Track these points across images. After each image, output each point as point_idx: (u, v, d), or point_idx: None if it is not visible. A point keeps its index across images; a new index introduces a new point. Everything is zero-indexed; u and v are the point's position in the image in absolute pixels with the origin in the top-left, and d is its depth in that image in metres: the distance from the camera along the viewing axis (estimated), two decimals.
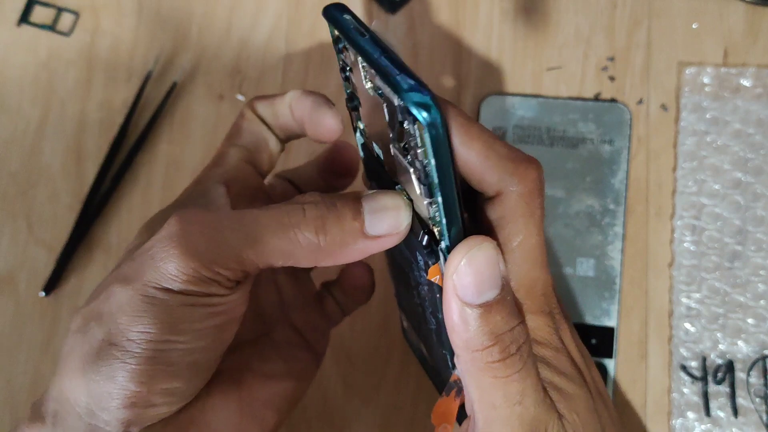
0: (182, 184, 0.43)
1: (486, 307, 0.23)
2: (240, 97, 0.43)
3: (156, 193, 0.43)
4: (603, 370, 0.39)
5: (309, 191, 0.28)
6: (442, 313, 0.24)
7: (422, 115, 0.19)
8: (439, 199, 0.21)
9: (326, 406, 0.40)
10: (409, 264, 0.27)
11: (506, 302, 0.23)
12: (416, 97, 0.19)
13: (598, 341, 0.39)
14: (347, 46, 0.23)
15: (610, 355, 0.39)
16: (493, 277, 0.23)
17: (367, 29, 0.22)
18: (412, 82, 0.19)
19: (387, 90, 0.20)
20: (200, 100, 0.44)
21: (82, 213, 0.42)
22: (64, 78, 0.44)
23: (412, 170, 0.22)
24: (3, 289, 0.42)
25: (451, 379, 0.27)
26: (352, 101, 0.26)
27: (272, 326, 0.32)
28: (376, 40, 0.21)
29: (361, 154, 0.28)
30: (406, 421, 0.40)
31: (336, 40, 0.24)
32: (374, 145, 0.26)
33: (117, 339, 0.23)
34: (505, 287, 0.23)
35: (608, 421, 0.27)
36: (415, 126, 0.20)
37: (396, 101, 0.20)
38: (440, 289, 0.24)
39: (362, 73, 0.23)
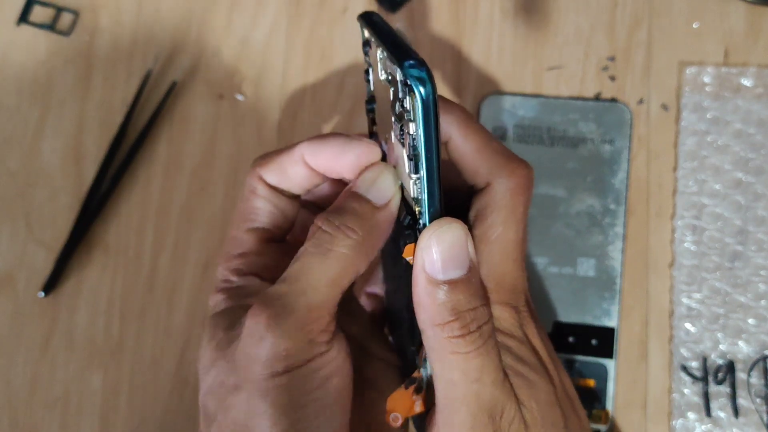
0: (182, 184, 0.43)
1: (451, 285, 0.24)
2: (239, 97, 0.43)
3: (155, 193, 0.43)
4: (603, 371, 0.39)
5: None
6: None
7: (418, 88, 0.22)
8: (423, 173, 0.23)
9: None
10: (399, 255, 0.27)
11: (471, 283, 0.24)
12: (415, 72, 0.22)
13: (599, 341, 0.39)
14: (372, 41, 0.26)
15: (610, 356, 0.39)
16: (460, 256, 0.24)
17: (389, 27, 0.25)
18: (413, 60, 0.23)
19: (394, 69, 0.23)
20: (200, 100, 0.44)
21: (82, 213, 0.42)
22: (64, 77, 0.44)
23: (404, 150, 0.24)
24: (1, 289, 0.42)
25: (414, 374, 0.28)
26: (371, 104, 0.29)
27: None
28: (393, 32, 0.25)
29: None
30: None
31: (365, 43, 0.27)
32: (382, 144, 0.28)
33: None
34: (472, 270, 0.24)
35: (575, 423, 0.27)
36: (410, 98, 0.23)
37: (399, 76, 0.23)
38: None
39: (379, 66, 0.25)
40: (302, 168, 0.28)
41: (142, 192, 0.43)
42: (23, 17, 0.45)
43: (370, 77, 0.28)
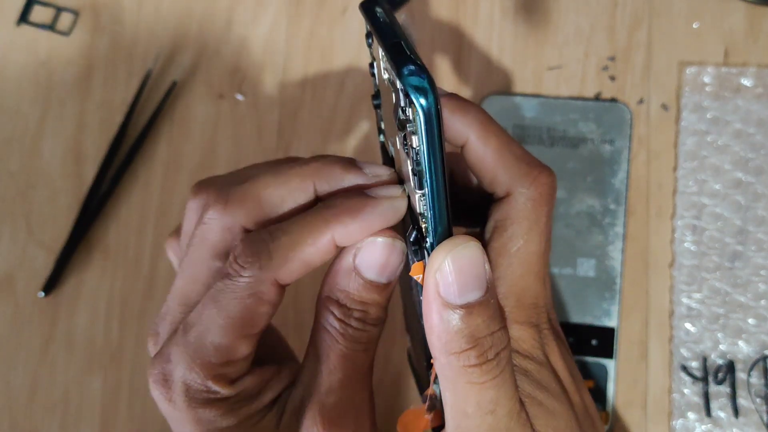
0: (182, 184, 0.43)
1: (467, 309, 0.22)
2: (239, 97, 0.43)
3: (155, 193, 0.43)
4: (603, 371, 0.39)
5: None
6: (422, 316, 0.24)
7: (418, 99, 0.20)
8: (427, 190, 0.21)
9: None
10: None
11: (489, 305, 0.22)
12: (415, 80, 0.20)
13: (599, 341, 0.39)
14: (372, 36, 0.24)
15: (610, 356, 0.39)
16: (478, 277, 0.22)
17: (392, 20, 0.22)
18: (413, 67, 0.20)
19: (393, 75, 0.21)
20: (200, 99, 0.44)
21: (82, 213, 0.42)
22: (64, 77, 0.44)
23: (408, 161, 0.22)
24: (2, 289, 0.42)
25: (426, 392, 0.26)
26: (377, 99, 0.26)
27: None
28: (394, 28, 0.22)
29: (381, 155, 0.28)
30: None
31: (368, 34, 0.25)
32: (389, 144, 0.26)
33: None
34: (489, 290, 0.22)
35: None
36: (412, 110, 0.20)
37: (398, 84, 0.21)
38: (423, 290, 0.23)
39: (381, 64, 0.23)
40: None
41: (142, 192, 0.43)
42: (23, 17, 0.45)
43: (375, 71, 0.25)
